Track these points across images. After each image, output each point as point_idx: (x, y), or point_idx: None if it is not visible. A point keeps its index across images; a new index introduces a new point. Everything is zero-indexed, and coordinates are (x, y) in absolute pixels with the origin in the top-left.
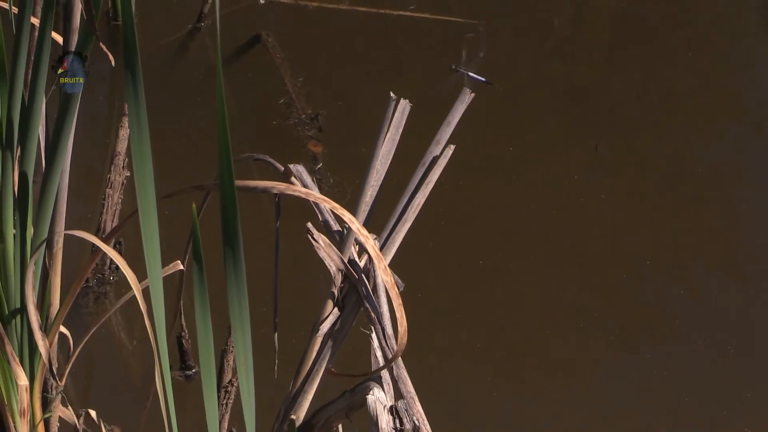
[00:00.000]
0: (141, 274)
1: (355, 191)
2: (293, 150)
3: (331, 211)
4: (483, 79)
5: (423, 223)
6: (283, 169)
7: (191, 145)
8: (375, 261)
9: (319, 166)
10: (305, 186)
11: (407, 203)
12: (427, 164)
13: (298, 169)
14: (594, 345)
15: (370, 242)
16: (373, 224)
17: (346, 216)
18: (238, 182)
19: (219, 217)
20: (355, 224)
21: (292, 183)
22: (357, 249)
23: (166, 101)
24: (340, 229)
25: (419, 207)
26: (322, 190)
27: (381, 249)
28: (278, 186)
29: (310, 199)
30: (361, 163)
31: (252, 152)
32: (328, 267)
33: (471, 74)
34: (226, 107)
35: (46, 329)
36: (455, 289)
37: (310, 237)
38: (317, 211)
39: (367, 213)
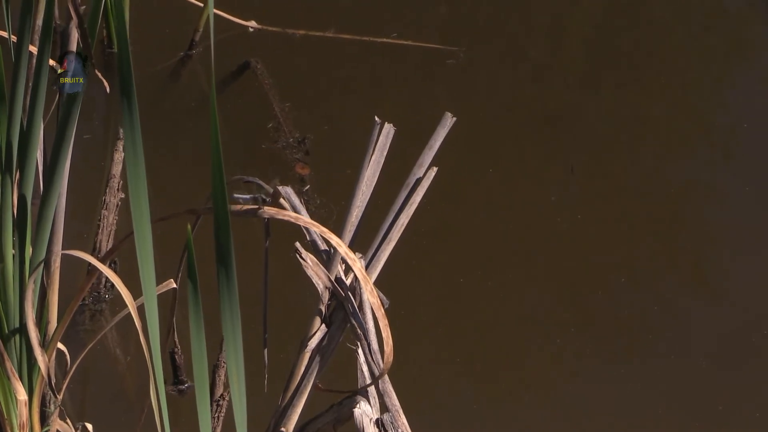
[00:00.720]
0: (135, 292)
1: (340, 211)
2: (281, 172)
3: (320, 233)
4: None
5: (406, 241)
6: (272, 190)
7: (183, 167)
8: (362, 283)
9: (306, 188)
10: (293, 207)
11: (392, 223)
12: (410, 186)
13: (287, 190)
14: (570, 358)
15: (358, 265)
16: (358, 243)
17: (334, 240)
18: (231, 206)
19: (210, 236)
20: (343, 248)
21: (280, 205)
22: (343, 267)
23: (159, 126)
24: (327, 248)
25: (403, 227)
26: (309, 210)
27: (367, 267)
28: (269, 210)
29: (300, 224)
30: (347, 184)
31: (242, 174)
32: (316, 285)
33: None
34: (223, 132)
35: (44, 346)
36: (437, 305)
37: (298, 256)
38: (305, 233)
39: (353, 233)
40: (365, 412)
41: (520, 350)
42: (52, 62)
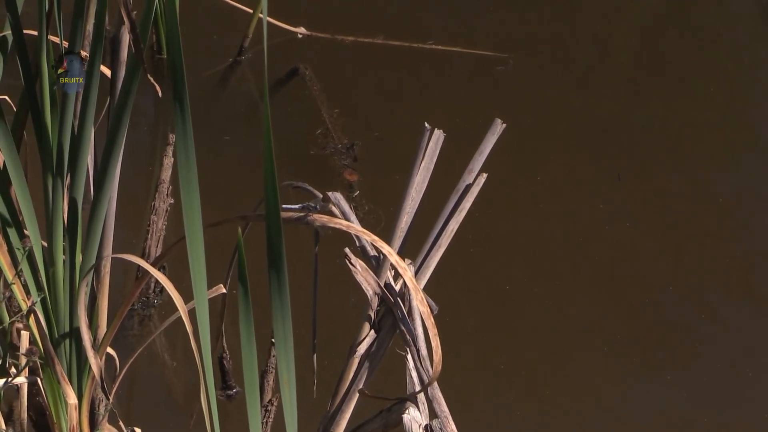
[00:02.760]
0: (185, 297)
1: (389, 217)
2: (330, 178)
3: (370, 241)
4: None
5: (453, 248)
6: (321, 196)
7: (230, 173)
8: (412, 292)
9: (355, 194)
10: (343, 213)
11: (441, 230)
12: (460, 192)
13: (336, 196)
14: (616, 367)
15: (408, 274)
16: (407, 249)
17: (385, 248)
18: (283, 213)
19: (257, 245)
20: (394, 257)
21: (330, 211)
22: (392, 273)
23: (209, 131)
24: (376, 254)
25: (453, 233)
26: (357, 216)
27: (416, 274)
28: (320, 218)
29: (351, 232)
30: (395, 190)
31: (291, 180)
32: (365, 290)
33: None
34: (272, 139)
35: (95, 349)
36: (483, 312)
37: (347, 262)
38: (355, 239)
39: (402, 239)
40: (414, 418)
41: (566, 357)
42: (103, 68)
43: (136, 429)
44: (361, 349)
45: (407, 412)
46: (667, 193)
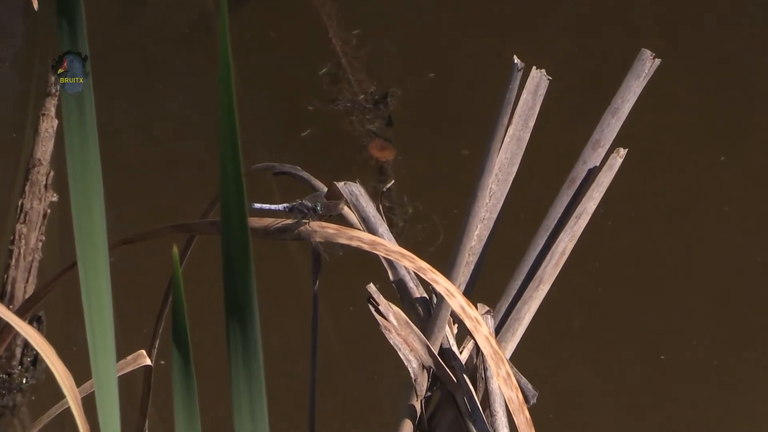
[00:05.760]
0: (76, 372)
1: (450, 227)
2: (342, 156)
3: (414, 270)
4: None
5: (565, 284)
6: (325, 188)
7: (166, 150)
8: (490, 364)
9: (388, 185)
10: (363, 218)
11: (543, 251)
12: (578, 182)
13: (353, 190)
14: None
15: (484, 329)
16: (483, 286)
17: (441, 284)
18: (254, 220)
19: (209, 271)
20: (458, 299)
21: (342, 215)
22: (456, 330)
23: (128, 72)
24: (425, 294)
25: (565, 256)
26: (392, 225)
27: (498, 332)
28: (324, 229)
29: (379, 254)
30: (459, 179)
31: (271, 161)
32: (405, 361)
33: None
34: (233, 83)
35: None
36: (615, 401)
37: (372, 309)
38: (387, 267)
39: (473, 267)
40: None
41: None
42: None
43: None
44: None
45: None
46: None
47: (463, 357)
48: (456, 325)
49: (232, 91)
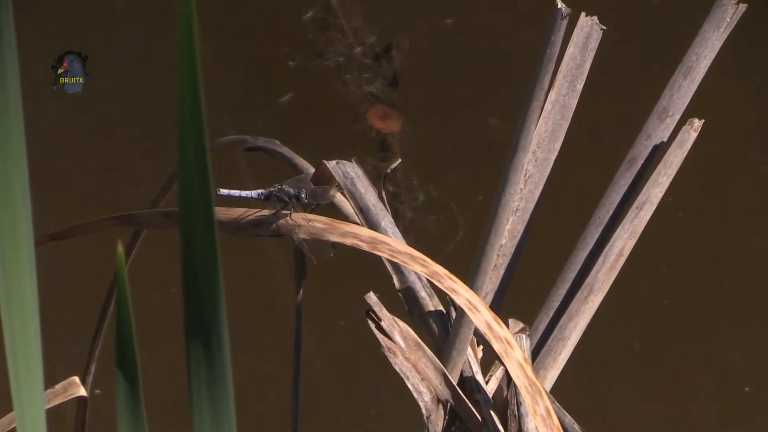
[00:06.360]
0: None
1: (474, 218)
2: (334, 127)
3: (427, 277)
4: None
5: (621, 295)
6: (312, 169)
7: (107, 119)
8: (525, 396)
9: (394, 165)
10: (361, 207)
11: (595, 249)
12: (640, 162)
13: (348, 171)
14: None
15: (517, 353)
16: (515, 297)
17: (462, 295)
18: (221, 210)
19: (165, 274)
20: (483, 314)
21: (333, 204)
22: (481, 354)
23: (51, 16)
24: (440, 308)
25: (623, 258)
26: (399, 217)
27: (535, 358)
28: (310, 222)
29: (382, 255)
30: (487, 154)
31: (243, 133)
32: (414, 393)
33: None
34: (195, 35)
35: None
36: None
37: (372, 325)
38: (392, 272)
39: (503, 272)
40: None
41: None
42: None
43: None
44: None
45: None
46: None
47: (490, 389)
48: (481, 348)
49: (195, 41)
